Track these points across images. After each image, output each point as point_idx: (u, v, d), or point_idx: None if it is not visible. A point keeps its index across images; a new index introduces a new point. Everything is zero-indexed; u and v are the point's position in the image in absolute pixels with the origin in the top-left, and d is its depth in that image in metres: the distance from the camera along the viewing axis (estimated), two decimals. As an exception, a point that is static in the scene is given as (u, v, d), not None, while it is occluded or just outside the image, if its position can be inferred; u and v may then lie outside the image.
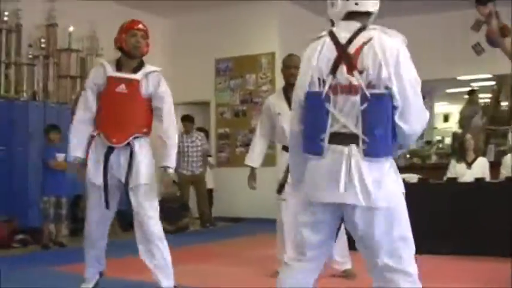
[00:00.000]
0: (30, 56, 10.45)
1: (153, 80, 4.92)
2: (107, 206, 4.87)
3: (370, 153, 2.99)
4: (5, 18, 10.02)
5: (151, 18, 12.85)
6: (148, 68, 4.95)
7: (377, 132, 2.99)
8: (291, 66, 6.01)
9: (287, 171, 5.57)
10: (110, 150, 4.84)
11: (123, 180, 4.84)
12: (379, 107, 3.01)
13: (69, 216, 9.52)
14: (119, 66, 4.94)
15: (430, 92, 13.96)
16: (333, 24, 3.36)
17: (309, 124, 3.24)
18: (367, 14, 3.20)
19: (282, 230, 5.90)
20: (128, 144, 4.83)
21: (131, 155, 4.83)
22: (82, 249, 5.25)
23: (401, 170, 3.51)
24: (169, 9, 12.69)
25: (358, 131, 3.02)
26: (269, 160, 11.44)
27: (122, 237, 8.55)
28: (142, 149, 4.91)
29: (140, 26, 4.96)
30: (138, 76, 4.87)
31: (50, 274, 6.68)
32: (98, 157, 4.88)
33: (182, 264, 5.70)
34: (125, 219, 8.37)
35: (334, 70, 3.17)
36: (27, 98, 10.19)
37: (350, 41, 3.12)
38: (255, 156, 6.35)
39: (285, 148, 5.78)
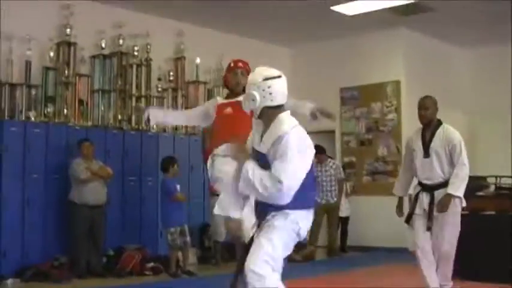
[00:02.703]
0: (159, 89, 10.78)
1: None
2: None
3: None
4: (136, 53, 10.41)
5: (275, 48, 13.04)
6: None
7: None
8: (421, 108, 6.30)
9: (415, 201, 6.08)
10: None
11: None
12: None
13: (197, 244, 9.67)
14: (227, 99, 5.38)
15: None
16: None
17: None
18: None
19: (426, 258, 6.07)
20: None
21: None
22: (211, 277, 5.25)
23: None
24: (293, 39, 12.77)
25: None
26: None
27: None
28: None
29: (240, 64, 5.38)
30: (240, 98, 4.94)
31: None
32: None
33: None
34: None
35: None
36: (157, 130, 10.49)
37: None
38: (399, 186, 6.60)
39: (418, 182, 6.23)
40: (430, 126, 6.26)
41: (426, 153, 6.16)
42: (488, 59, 12.93)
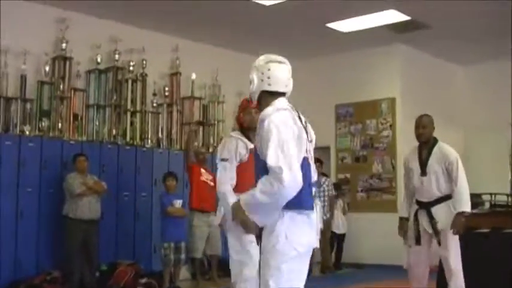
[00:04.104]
0: (154, 104, 10.79)
1: None
2: None
3: None
4: (131, 68, 10.42)
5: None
6: None
7: None
8: (418, 127, 6.34)
9: (415, 221, 6.19)
10: None
11: None
12: None
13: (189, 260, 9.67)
14: (249, 138, 5.37)
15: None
16: None
17: None
18: None
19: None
20: None
21: None
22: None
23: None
24: (289, 55, 12.63)
25: None
26: (390, 206, 11.33)
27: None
28: None
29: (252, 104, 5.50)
30: None
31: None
32: None
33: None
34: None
35: None
36: (151, 145, 10.48)
37: None
38: (405, 207, 6.56)
39: (416, 201, 6.29)
40: (427, 144, 6.32)
41: (423, 172, 6.23)
42: (485, 76, 12.97)
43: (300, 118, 3.67)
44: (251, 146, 5.27)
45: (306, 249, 3.54)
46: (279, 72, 3.65)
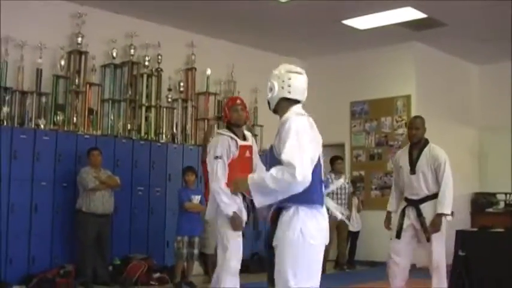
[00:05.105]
0: (169, 100, 10.80)
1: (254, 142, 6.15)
2: None
3: None
4: (146, 63, 10.43)
5: (286, 60, 12.86)
6: (248, 134, 6.09)
7: None
8: (411, 128, 6.66)
9: (402, 216, 6.51)
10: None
11: None
12: None
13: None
14: (236, 135, 5.87)
15: None
16: None
17: None
18: None
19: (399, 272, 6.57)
20: None
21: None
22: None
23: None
24: (305, 52, 12.76)
25: None
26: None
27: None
28: None
29: (238, 101, 6.07)
30: (250, 142, 5.98)
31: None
32: None
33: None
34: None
35: None
36: (166, 140, 10.50)
37: None
38: (393, 202, 6.95)
39: (404, 198, 6.64)
40: (418, 144, 6.60)
41: (412, 171, 6.53)
42: (500, 75, 12.88)
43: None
44: (241, 143, 5.77)
45: (319, 242, 3.78)
46: (298, 81, 3.92)
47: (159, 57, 10.60)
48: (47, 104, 9.25)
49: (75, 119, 9.46)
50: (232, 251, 5.58)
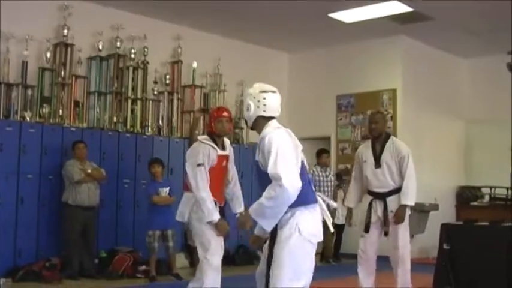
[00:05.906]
0: (155, 92, 10.78)
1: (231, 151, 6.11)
2: None
3: None
4: (132, 56, 10.40)
5: (273, 53, 13.08)
6: (227, 142, 6.05)
7: None
8: (371, 122, 6.89)
9: (369, 210, 6.73)
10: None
11: None
12: None
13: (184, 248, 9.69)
14: (216, 144, 5.87)
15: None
16: None
17: None
18: None
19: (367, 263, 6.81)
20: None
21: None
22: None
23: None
24: (291, 45, 12.77)
25: None
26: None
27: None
28: None
29: (225, 113, 5.96)
30: (228, 152, 5.98)
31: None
32: None
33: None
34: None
35: None
36: (152, 133, 10.48)
37: None
38: (351, 197, 7.15)
39: (368, 192, 6.86)
40: (379, 138, 6.80)
41: (377, 164, 6.72)
42: (487, 68, 12.91)
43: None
44: (220, 152, 5.84)
45: (315, 238, 4.07)
46: (272, 100, 4.19)
47: (145, 49, 10.58)
48: (32, 96, 9.20)
49: (61, 111, 9.42)
50: (213, 249, 5.64)
